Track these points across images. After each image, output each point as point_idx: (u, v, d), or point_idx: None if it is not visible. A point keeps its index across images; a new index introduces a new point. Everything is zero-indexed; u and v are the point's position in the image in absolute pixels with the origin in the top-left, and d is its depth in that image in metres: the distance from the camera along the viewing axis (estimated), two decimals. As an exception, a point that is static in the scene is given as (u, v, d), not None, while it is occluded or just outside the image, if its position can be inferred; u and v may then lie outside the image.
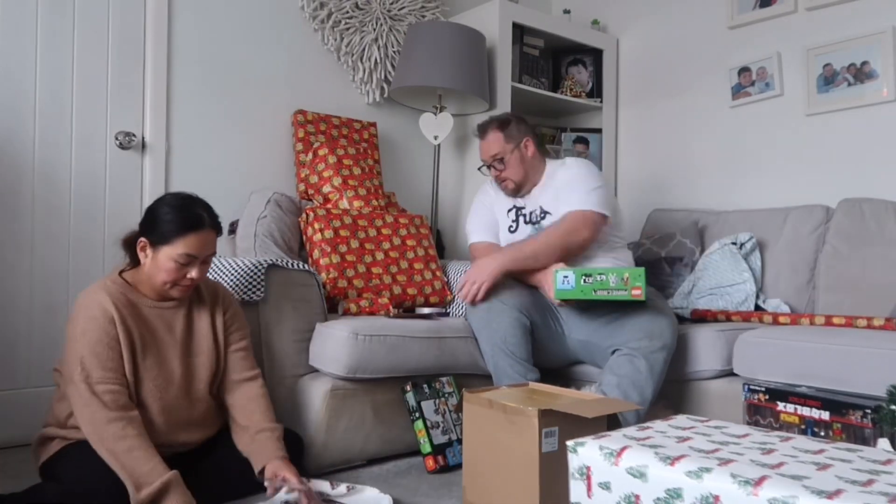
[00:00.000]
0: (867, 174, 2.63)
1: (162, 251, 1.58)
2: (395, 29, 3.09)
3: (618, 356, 2.00)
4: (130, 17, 2.47)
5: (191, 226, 1.58)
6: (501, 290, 2.14)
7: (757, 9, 2.94)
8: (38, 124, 2.29)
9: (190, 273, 1.60)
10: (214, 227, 1.65)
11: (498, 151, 2.33)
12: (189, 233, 1.58)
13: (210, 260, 1.66)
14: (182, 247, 1.57)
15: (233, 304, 1.81)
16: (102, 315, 1.53)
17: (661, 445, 1.10)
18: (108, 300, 1.55)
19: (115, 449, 1.44)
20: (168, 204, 1.62)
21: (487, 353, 2.13)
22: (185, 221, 1.59)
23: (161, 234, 1.58)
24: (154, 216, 1.61)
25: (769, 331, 1.99)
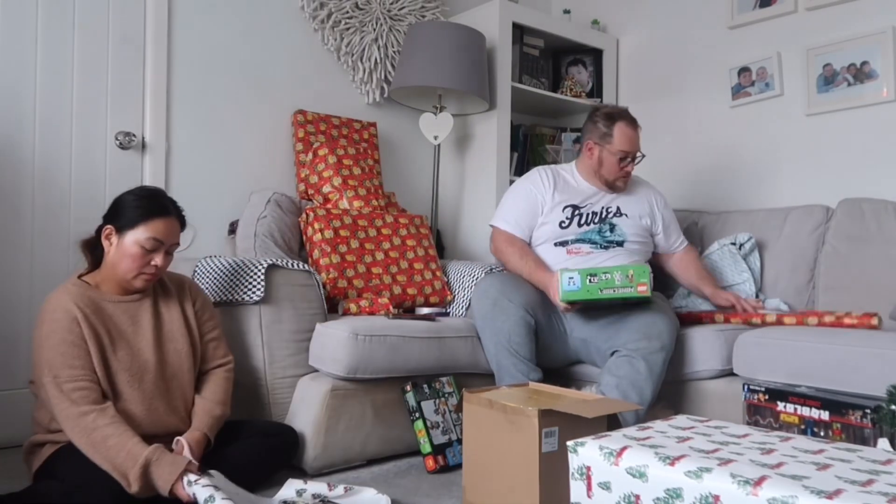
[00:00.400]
0: (867, 174, 2.63)
1: (127, 236, 1.62)
2: (395, 29, 3.09)
3: (616, 357, 2.01)
4: (130, 17, 2.47)
5: (157, 211, 1.65)
6: (508, 288, 2.13)
7: (757, 9, 2.94)
8: (38, 124, 2.29)
9: (154, 260, 1.63)
10: (179, 218, 1.71)
11: (639, 148, 2.34)
12: (155, 217, 1.64)
13: (173, 251, 1.71)
14: (149, 230, 1.62)
15: (201, 294, 1.85)
16: (65, 316, 1.55)
17: (661, 445, 1.10)
18: (70, 301, 1.58)
19: (91, 441, 1.47)
20: (134, 193, 1.68)
21: (491, 350, 2.12)
22: (152, 207, 1.65)
23: (127, 220, 1.62)
24: (120, 204, 1.67)
25: (769, 331, 1.99)
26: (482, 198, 3.08)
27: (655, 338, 1.97)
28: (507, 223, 2.35)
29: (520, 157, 3.33)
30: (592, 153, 2.34)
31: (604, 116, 2.33)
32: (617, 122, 2.30)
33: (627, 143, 2.30)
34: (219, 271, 2.06)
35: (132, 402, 1.60)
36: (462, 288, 2.55)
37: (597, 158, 2.33)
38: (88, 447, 1.47)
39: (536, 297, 2.17)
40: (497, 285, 2.14)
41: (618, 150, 2.29)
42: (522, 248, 2.31)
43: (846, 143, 2.69)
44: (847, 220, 2.46)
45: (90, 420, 1.48)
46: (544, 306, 2.17)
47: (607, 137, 2.30)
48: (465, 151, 3.20)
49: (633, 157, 2.33)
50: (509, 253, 2.30)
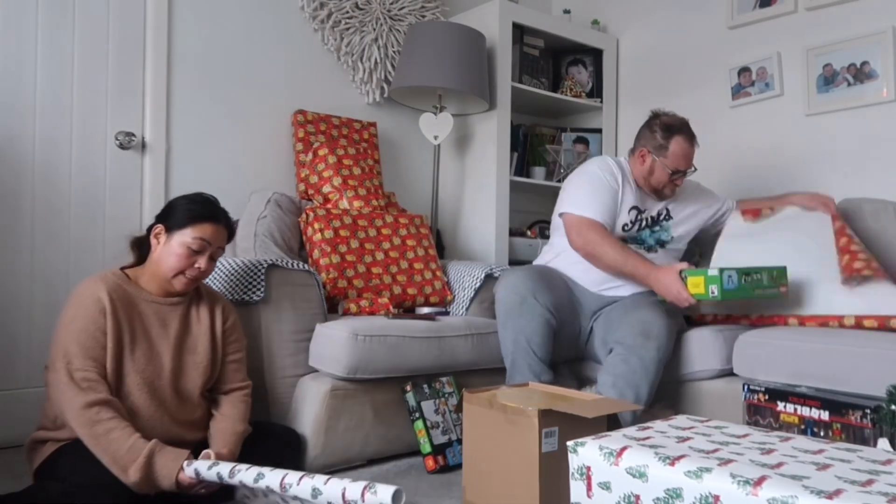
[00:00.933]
0: (867, 174, 2.63)
1: (176, 236, 1.66)
2: (395, 29, 3.09)
3: (613, 356, 2.01)
4: (130, 17, 2.47)
5: (208, 215, 1.69)
6: (539, 286, 2.08)
7: (757, 9, 2.94)
8: (38, 124, 2.29)
9: (198, 262, 1.66)
10: (227, 226, 1.76)
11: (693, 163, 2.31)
12: (205, 221, 1.68)
13: (217, 257, 1.73)
14: (197, 231, 1.66)
15: (232, 315, 1.84)
16: (94, 304, 1.56)
17: (661, 445, 1.10)
18: (104, 289, 1.58)
19: (94, 432, 1.46)
20: (188, 197, 1.74)
21: (508, 346, 2.11)
22: (203, 211, 1.70)
23: (178, 220, 1.67)
24: (174, 205, 1.73)
25: (769, 331, 1.99)
26: (482, 198, 3.08)
27: (653, 337, 1.97)
28: (595, 212, 2.17)
29: (520, 157, 3.33)
30: (644, 160, 2.26)
31: (662, 127, 2.25)
32: (675, 136, 2.23)
33: (683, 161, 2.24)
34: (219, 271, 2.06)
35: (138, 405, 1.58)
36: (462, 288, 2.56)
37: (648, 167, 2.25)
38: (90, 438, 1.47)
39: (563, 296, 2.16)
40: (528, 283, 2.09)
41: (672, 166, 2.23)
42: (617, 241, 2.16)
43: (846, 143, 2.69)
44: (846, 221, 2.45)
45: (94, 412, 1.47)
46: (569, 307, 2.17)
47: (663, 150, 2.23)
48: (465, 151, 3.20)
49: (685, 172, 2.29)
50: (606, 244, 2.13)
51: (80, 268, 2.34)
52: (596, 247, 2.14)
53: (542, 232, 3.39)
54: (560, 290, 2.18)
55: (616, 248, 2.13)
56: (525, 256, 3.07)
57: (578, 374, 2.34)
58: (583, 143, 3.44)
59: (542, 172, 3.32)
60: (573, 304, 2.20)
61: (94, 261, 2.37)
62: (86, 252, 2.36)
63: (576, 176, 2.33)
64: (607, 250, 2.12)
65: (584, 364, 2.33)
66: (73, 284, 2.28)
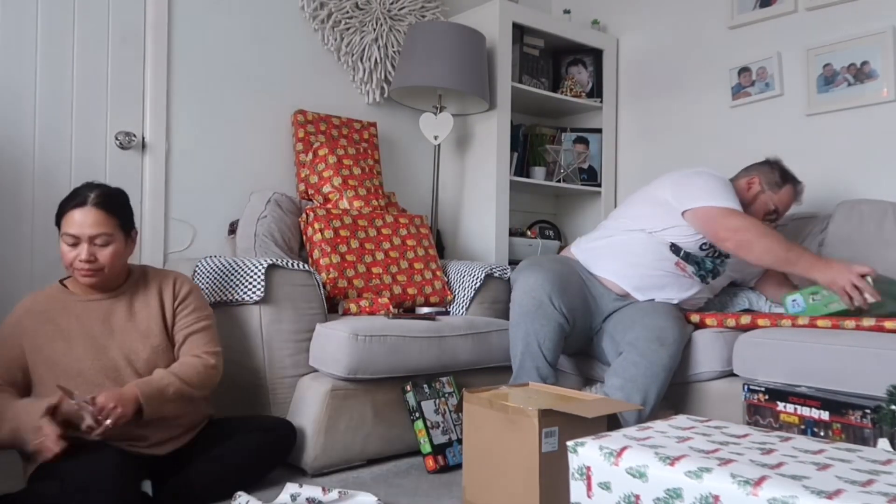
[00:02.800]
0: (867, 174, 2.63)
1: (61, 236, 1.64)
2: (395, 29, 3.09)
3: (622, 358, 2.00)
4: (130, 17, 2.47)
5: (72, 204, 1.62)
6: (557, 289, 2.06)
7: (757, 9, 2.94)
8: (38, 124, 2.29)
9: (80, 255, 1.61)
10: (102, 206, 1.62)
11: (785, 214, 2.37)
12: (68, 211, 1.62)
13: (108, 243, 1.63)
14: (64, 226, 1.63)
15: (187, 285, 1.79)
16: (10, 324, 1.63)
17: (661, 445, 1.10)
18: (31, 300, 1.67)
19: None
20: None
21: (518, 346, 2.08)
22: (68, 200, 1.63)
23: (56, 218, 1.65)
24: None
25: (769, 331, 1.99)
26: (482, 198, 3.08)
27: (667, 344, 1.97)
28: (734, 205, 2.13)
29: (520, 157, 3.33)
30: (751, 188, 2.29)
31: (781, 171, 2.31)
32: (790, 183, 2.30)
33: (785, 205, 2.31)
34: (219, 271, 2.06)
35: None
36: (462, 288, 2.56)
37: (752, 195, 2.28)
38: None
39: (578, 298, 2.15)
40: (547, 286, 2.06)
41: (776, 203, 2.29)
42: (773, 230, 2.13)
43: (846, 144, 2.69)
44: (845, 222, 2.46)
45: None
46: (584, 307, 2.16)
47: (774, 187, 2.28)
48: (465, 151, 3.20)
49: (776, 220, 2.34)
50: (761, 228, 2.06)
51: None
52: (746, 232, 2.05)
53: (542, 232, 3.40)
54: (576, 290, 2.16)
55: (771, 233, 2.06)
56: (525, 256, 3.07)
57: (583, 372, 2.34)
58: (583, 143, 3.44)
59: (541, 172, 3.32)
60: (588, 304, 2.19)
61: (94, 261, 2.37)
62: (86, 252, 2.36)
63: (695, 176, 2.24)
64: (762, 237, 2.04)
65: (589, 362, 2.32)
66: (73, 284, 2.31)
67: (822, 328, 1.93)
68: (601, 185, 3.43)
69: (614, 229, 2.30)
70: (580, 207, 3.59)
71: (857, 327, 1.87)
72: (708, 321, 2.16)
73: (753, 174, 2.32)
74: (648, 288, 2.21)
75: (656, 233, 2.21)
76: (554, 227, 3.53)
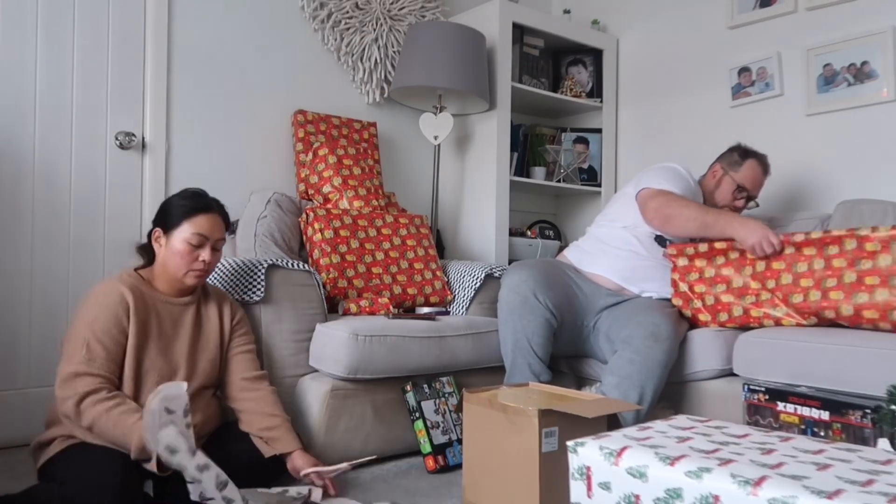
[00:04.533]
0: (867, 174, 2.63)
1: (174, 235, 1.69)
2: (395, 29, 3.09)
3: (618, 356, 2.01)
4: (130, 17, 2.47)
5: (199, 208, 1.71)
6: (541, 285, 2.09)
7: (757, 9, 2.94)
8: (38, 124, 2.29)
9: (202, 255, 1.69)
10: (222, 214, 1.77)
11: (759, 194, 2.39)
12: (198, 214, 1.70)
13: (220, 247, 1.76)
14: (193, 226, 1.69)
15: (239, 311, 1.89)
16: (118, 303, 1.60)
17: (661, 445, 1.10)
18: (126, 289, 1.63)
19: (97, 411, 1.49)
20: (178, 195, 1.76)
21: (508, 345, 2.11)
22: (194, 204, 1.72)
23: (173, 219, 1.70)
24: (166, 206, 1.75)
25: (769, 331, 1.99)
26: (482, 198, 3.08)
27: (661, 340, 1.97)
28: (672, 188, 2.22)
29: (520, 157, 3.33)
30: (715, 176, 2.39)
31: (742, 150, 2.39)
32: (751, 159, 2.36)
33: (750, 180, 2.35)
34: (219, 271, 2.06)
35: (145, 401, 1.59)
36: (462, 288, 2.56)
37: (717, 181, 2.37)
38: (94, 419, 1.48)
39: (565, 294, 2.16)
40: (530, 282, 2.09)
41: (739, 181, 2.34)
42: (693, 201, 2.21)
43: (846, 143, 2.69)
44: (845, 223, 2.45)
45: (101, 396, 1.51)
46: (570, 304, 2.17)
47: (735, 166, 2.36)
48: (465, 151, 3.20)
49: (749, 197, 2.36)
50: (680, 202, 2.16)
51: (80, 268, 2.34)
52: (667, 207, 2.15)
53: (542, 232, 3.40)
54: (562, 287, 2.18)
55: (690, 203, 2.17)
56: (525, 256, 3.07)
57: (578, 371, 2.35)
58: (583, 143, 3.44)
59: (541, 172, 3.32)
60: (576, 300, 2.20)
61: (94, 261, 2.37)
62: (86, 252, 2.36)
63: (660, 168, 2.34)
64: (682, 207, 2.14)
65: (585, 362, 2.33)
66: (73, 285, 2.32)
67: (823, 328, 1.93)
68: (601, 185, 3.43)
69: (599, 229, 2.38)
70: (580, 207, 3.59)
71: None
72: (701, 317, 2.15)
73: (715, 163, 2.43)
74: (639, 280, 2.24)
75: (637, 227, 2.28)
76: (554, 227, 3.53)
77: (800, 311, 1.96)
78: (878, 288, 1.83)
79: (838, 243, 1.92)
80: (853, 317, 1.86)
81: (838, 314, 1.89)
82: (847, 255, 1.90)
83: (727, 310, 2.09)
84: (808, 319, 1.96)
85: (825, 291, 1.92)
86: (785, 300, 1.99)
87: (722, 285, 2.11)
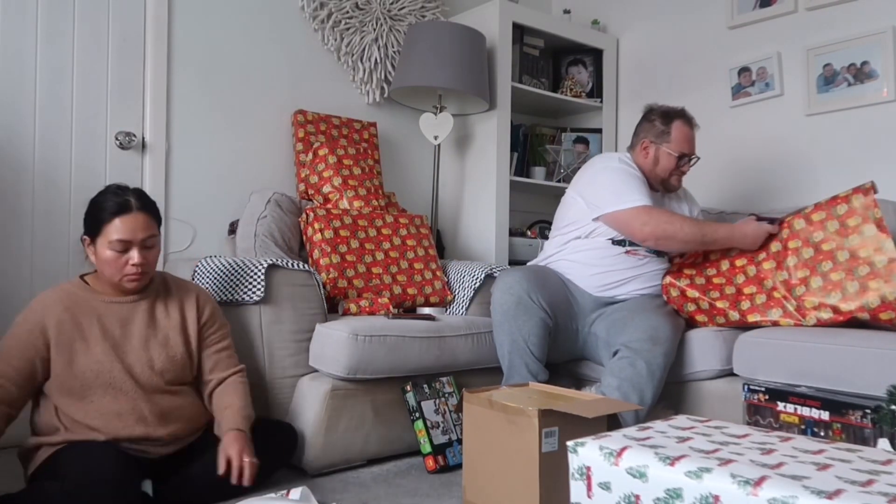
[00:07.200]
0: (867, 174, 2.63)
1: (99, 242, 1.62)
2: (395, 29, 3.09)
3: (618, 358, 2.00)
4: (130, 17, 2.47)
5: (118, 210, 1.61)
6: (534, 286, 2.09)
7: (757, 9, 2.94)
8: (38, 124, 2.29)
9: (131, 259, 1.62)
10: (145, 209, 1.65)
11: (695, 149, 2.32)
12: (116, 217, 1.60)
13: (154, 244, 1.67)
14: (114, 233, 1.60)
15: (209, 304, 1.83)
16: (34, 314, 1.60)
17: (661, 445, 1.10)
18: (54, 298, 1.62)
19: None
20: (99, 194, 1.66)
21: (505, 347, 2.10)
22: (112, 207, 1.61)
23: (94, 226, 1.63)
24: (89, 210, 1.66)
25: (769, 331, 1.99)
26: (482, 198, 3.08)
27: (661, 342, 1.97)
28: (643, 199, 2.15)
29: (520, 157, 3.33)
30: (648, 152, 2.29)
31: (661, 115, 2.30)
32: (675, 121, 2.28)
33: (686, 144, 2.29)
34: (219, 271, 2.06)
35: (105, 402, 1.60)
36: (462, 288, 2.56)
37: (653, 157, 2.28)
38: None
39: (559, 295, 2.16)
40: (523, 283, 2.09)
41: (676, 150, 2.26)
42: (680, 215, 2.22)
43: (846, 143, 2.69)
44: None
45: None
46: (563, 306, 2.17)
47: (665, 136, 2.27)
48: (465, 151, 3.20)
49: (691, 158, 2.32)
50: (676, 220, 2.14)
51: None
52: (667, 226, 2.11)
53: (542, 232, 3.39)
54: (556, 288, 2.18)
55: (685, 220, 2.17)
56: (525, 256, 3.07)
57: (575, 373, 2.34)
58: (583, 143, 3.44)
59: (542, 172, 3.32)
60: (570, 303, 2.20)
61: (94, 261, 2.38)
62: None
63: (599, 174, 2.26)
64: (681, 225, 2.12)
65: (582, 363, 2.32)
66: (73, 284, 2.31)
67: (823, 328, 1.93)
68: (601, 185, 3.42)
69: (555, 245, 2.33)
70: (580, 207, 3.59)
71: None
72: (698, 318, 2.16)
73: (642, 137, 2.32)
74: (616, 285, 2.22)
75: (592, 235, 2.24)
76: (554, 227, 3.53)
77: (801, 309, 1.97)
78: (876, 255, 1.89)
79: (821, 228, 2.00)
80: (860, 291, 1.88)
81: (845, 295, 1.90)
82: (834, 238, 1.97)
83: (723, 314, 2.11)
84: (806, 318, 1.96)
85: (825, 275, 1.95)
86: (787, 295, 2.00)
87: (715, 292, 2.14)
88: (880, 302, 1.85)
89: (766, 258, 2.08)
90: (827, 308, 1.93)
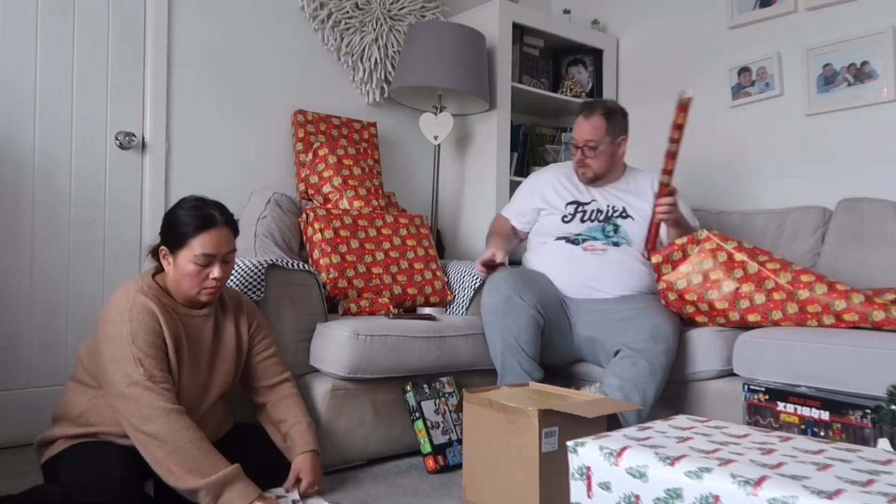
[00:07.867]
0: (867, 174, 2.63)
1: (181, 255, 1.59)
2: (395, 29, 3.09)
3: (620, 358, 2.00)
4: (130, 17, 2.47)
5: (203, 225, 1.60)
6: (521, 284, 2.11)
7: (757, 9, 2.94)
8: (38, 124, 2.29)
9: (212, 273, 1.61)
10: (228, 224, 1.66)
11: (593, 139, 2.29)
12: (202, 232, 1.59)
13: (232, 259, 1.67)
14: (198, 247, 1.58)
15: (257, 315, 1.84)
16: (151, 318, 1.54)
17: (661, 445, 1.10)
18: (151, 303, 1.56)
19: (180, 437, 1.46)
20: (181, 207, 1.64)
21: (497, 346, 2.11)
22: (198, 221, 1.60)
23: (177, 238, 1.60)
24: (168, 222, 1.64)
25: (769, 331, 1.99)
26: (482, 198, 3.08)
27: (662, 340, 1.97)
28: (509, 211, 2.51)
29: (520, 157, 3.33)
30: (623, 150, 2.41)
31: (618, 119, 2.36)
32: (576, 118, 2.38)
33: (576, 133, 2.34)
34: (219, 271, 2.06)
35: None
36: (462, 288, 2.56)
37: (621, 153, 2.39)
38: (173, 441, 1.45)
39: (548, 294, 2.17)
40: (510, 281, 2.11)
41: (572, 142, 2.37)
42: (499, 225, 2.48)
43: (846, 143, 2.69)
44: (847, 221, 2.46)
45: (186, 421, 1.48)
46: (553, 304, 2.17)
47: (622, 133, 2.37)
48: (465, 151, 3.20)
49: (586, 147, 2.30)
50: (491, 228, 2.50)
51: (79, 268, 2.34)
52: None
53: (542, 232, 3.39)
54: (545, 287, 2.18)
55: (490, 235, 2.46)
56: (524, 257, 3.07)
57: (572, 373, 2.33)
58: (583, 143, 3.44)
59: (542, 172, 3.32)
60: (559, 301, 2.20)
61: (94, 261, 2.37)
62: (86, 252, 2.36)
63: None
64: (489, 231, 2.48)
65: (581, 364, 2.32)
66: (73, 284, 2.31)
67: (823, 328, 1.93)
68: (601, 185, 3.42)
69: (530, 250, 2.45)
70: (580, 207, 3.59)
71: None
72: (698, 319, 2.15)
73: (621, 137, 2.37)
74: (594, 283, 2.22)
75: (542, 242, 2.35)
76: (554, 227, 3.53)
77: (804, 311, 1.96)
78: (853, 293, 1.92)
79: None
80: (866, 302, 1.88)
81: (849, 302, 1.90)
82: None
83: (723, 315, 2.09)
84: (809, 321, 1.96)
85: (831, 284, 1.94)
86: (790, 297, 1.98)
87: (714, 291, 2.08)
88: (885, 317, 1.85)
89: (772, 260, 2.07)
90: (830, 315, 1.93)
